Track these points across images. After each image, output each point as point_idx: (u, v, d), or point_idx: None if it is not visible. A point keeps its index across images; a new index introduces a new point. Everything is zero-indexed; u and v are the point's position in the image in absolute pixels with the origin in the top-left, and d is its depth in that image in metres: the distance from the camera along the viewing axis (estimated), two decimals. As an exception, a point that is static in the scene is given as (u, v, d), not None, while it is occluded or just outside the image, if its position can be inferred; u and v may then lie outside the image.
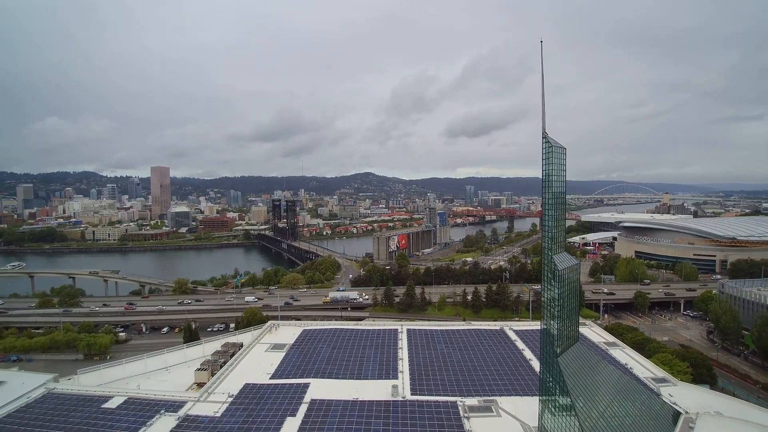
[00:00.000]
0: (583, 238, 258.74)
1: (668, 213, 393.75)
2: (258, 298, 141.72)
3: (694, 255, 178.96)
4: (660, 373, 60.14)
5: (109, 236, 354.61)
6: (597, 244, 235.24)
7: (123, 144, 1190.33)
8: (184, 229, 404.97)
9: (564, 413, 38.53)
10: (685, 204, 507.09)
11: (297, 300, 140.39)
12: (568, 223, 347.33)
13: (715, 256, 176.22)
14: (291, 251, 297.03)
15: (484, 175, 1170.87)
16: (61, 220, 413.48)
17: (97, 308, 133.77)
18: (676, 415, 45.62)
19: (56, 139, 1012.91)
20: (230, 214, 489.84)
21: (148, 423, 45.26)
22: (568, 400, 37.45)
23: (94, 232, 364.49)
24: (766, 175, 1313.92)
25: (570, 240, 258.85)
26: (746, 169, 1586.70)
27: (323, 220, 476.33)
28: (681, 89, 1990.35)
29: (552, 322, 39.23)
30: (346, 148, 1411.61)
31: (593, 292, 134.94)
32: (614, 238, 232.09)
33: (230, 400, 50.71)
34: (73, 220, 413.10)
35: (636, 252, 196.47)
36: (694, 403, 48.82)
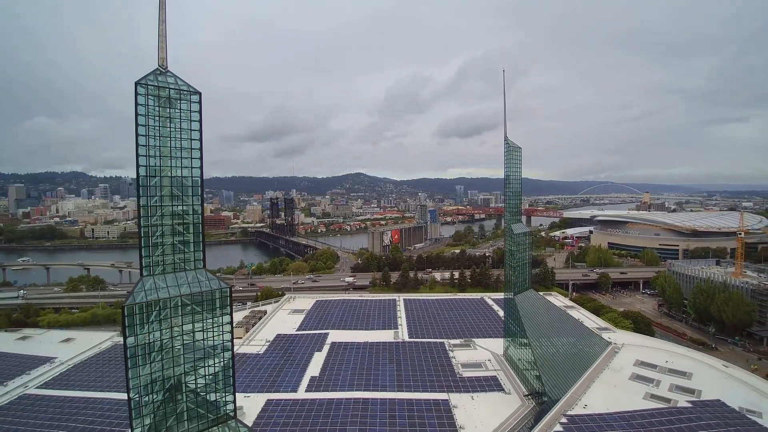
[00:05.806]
0: (563, 232, 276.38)
1: (647, 211, 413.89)
2: (353, 278, 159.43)
3: (660, 245, 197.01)
4: (604, 324, 76.07)
5: (108, 234, 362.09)
6: (575, 237, 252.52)
7: (111, 144, 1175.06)
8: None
9: (522, 347, 53.73)
10: (666, 203, 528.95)
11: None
12: (552, 220, 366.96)
13: (678, 245, 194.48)
14: (288, 246, 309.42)
15: (475, 175, 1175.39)
16: (57, 219, 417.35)
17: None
18: (608, 345, 61.06)
19: (44, 138, 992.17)
20: (225, 213, 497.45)
21: (208, 358, 58.96)
22: (525, 340, 52.48)
23: (93, 229, 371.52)
24: (749, 176, 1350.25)
25: (552, 234, 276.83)
26: (730, 169, 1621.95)
27: (317, 218, 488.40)
28: (669, 92, 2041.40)
29: (510, 271, 54.58)
30: (339, 148, 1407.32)
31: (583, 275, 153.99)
32: (591, 232, 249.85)
33: (267, 344, 64.97)
34: (69, 219, 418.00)
35: (609, 243, 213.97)
36: (625, 341, 64.39)
